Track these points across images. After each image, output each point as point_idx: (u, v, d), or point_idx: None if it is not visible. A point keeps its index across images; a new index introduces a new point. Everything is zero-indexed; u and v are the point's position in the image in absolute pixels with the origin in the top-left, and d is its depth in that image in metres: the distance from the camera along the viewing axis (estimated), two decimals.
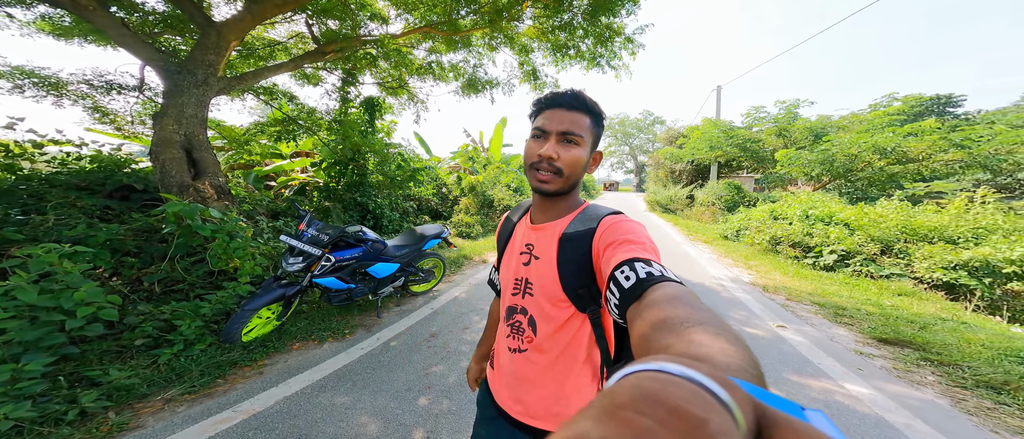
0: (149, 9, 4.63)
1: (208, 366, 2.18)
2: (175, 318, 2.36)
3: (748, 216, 8.51)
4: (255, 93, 4.81)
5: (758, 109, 13.58)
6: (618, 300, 0.49)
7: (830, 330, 3.27)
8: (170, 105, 3.52)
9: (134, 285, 2.65)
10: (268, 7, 3.83)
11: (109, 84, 4.62)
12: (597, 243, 0.66)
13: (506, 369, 0.81)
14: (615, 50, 5.23)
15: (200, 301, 2.53)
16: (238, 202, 3.78)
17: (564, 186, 0.70)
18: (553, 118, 0.68)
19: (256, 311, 2.48)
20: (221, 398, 1.99)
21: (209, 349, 2.32)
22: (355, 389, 2.18)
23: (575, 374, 0.74)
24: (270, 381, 2.18)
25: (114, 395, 1.84)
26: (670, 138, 23.54)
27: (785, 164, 10.93)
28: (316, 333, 2.77)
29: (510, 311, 0.80)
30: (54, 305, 1.98)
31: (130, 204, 3.39)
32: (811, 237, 6.10)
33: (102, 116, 4.84)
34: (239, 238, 2.85)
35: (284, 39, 5.20)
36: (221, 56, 3.86)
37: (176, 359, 2.18)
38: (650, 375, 0.16)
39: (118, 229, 2.82)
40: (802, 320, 3.51)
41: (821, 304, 3.92)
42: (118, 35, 3.69)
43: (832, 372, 2.50)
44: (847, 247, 5.52)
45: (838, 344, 2.96)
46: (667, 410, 0.14)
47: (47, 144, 3.73)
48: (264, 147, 5.45)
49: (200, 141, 3.55)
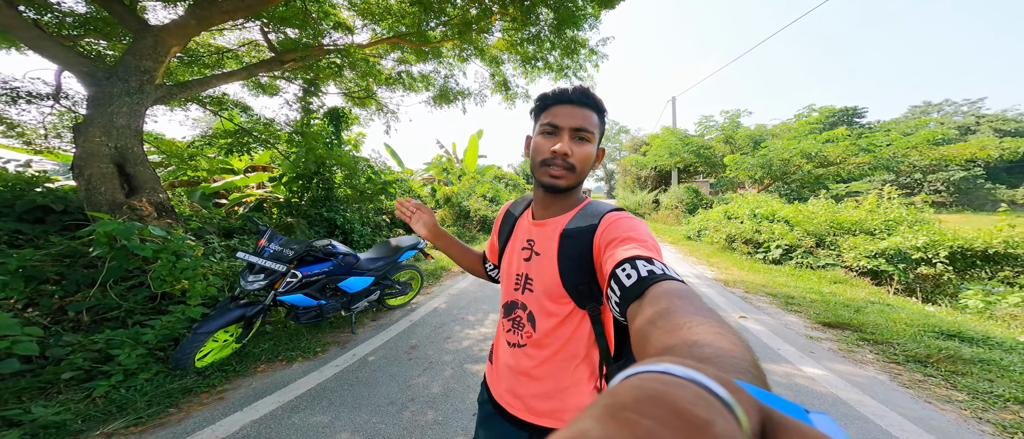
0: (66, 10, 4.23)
1: (156, 395, 1.96)
2: (111, 347, 2.11)
3: (706, 217, 9.29)
4: (201, 103, 4.49)
5: (708, 118, 15.11)
6: (619, 298, 0.49)
7: (783, 318, 3.63)
8: (97, 115, 3.22)
9: (56, 315, 2.34)
10: (215, 13, 3.68)
11: (15, 93, 4.10)
12: (598, 240, 0.67)
13: (505, 363, 0.82)
14: (580, 62, 5.62)
15: (141, 328, 2.29)
16: (183, 220, 3.48)
17: (574, 182, 0.72)
18: (564, 114, 0.69)
19: (211, 334, 2.28)
20: (175, 427, 1.80)
21: (156, 377, 2.09)
22: (333, 407, 2.07)
23: (572, 370, 0.74)
24: (233, 405, 2.01)
25: (40, 434, 1.60)
26: (635, 146, 25.09)
27: (733, 168, 12.17)
28: (283, 353, 2.59)
29: (510, 306, 0.81)
30: None
31: (47, 227, 3.01)
32: (759, 234, 6.80)
33: (7, 129, 4.25)
34: (188, 257, 2.63)
35: (234, 46, 4.95)
36: (159, 63, 3.62)
37: (115, 391, 1.94)
38: (653, 376, 0.16)
39: (32, 255, 2.48)
40: (759, 310, 3.87)
41: (773, 295, 4.36)
42: (29, 37, 3.35)
43: (789, 356, 2.75)
44: (789, 241, 6.22)
45: (791, 330, 3.29)
46: (670, 412, 0.14)
47: None
48: (213, 161, 5.06)
49: (135, 154, 3.26)
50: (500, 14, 4.85)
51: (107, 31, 4.31)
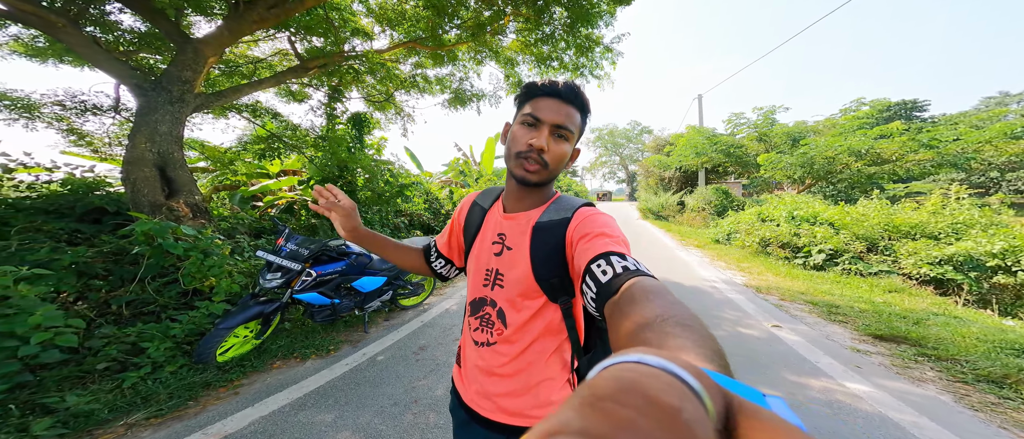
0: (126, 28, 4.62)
1: (178, 388, 2.06)
2: (142, 340, 2.25)
3: (737, 220, 8.69)
4: (237, 110, 4.78)
5: (738, 115, 14.12)
6: (595, 294, 0.50)
7: (825, 328, 3.28)
8: (143, 123, 3.47)
9: (101, 308, 2.53)
10: (245, 24, 3.86)
11: (83, 105, 4.55)
12: (571, 234, 0.66)
13: (472, 364, 0.78)
14: (596, 60, 5.43)
15: (171, 322, 2.42)
16: (216, 221, 3.69)
17: (547, 178, 0.70)
18: (548, 108, 0.67)
19: (231, 329, 2.38)
20: (191, 421, 1.88)
21: (180, 371, 2.20)
22: (337, 406, 2.08)
23: (544, 365, 0.72)
24: (245, 401, 2.07)
25: (71, 422, 1.72)
26: (658, 146, 24.16)
27: (768, 168, 11.28)
28: (298, 351, 2.66)
29: (478, 303, 0.78)
30: (7, 330, 1.87)
31: (101, 227, 3.28)
32: (799, 238, 6.23)
33: (78, 138, 4.74)
34: (215, 256, 2.77)
35: (267, 56, 5.22)
36: (198, 73, 3.85)
37: (142, 382, 2.06)
38: (629, 366, 0.17)
39: (85, 252, 2.71)
40: (796, 319, 3.52)
41: (814, 303, 3.96)
42: (91, 54, 3.66)
43: (830, 370, 2.48)
44: (834, 246, 5.64)
45: (834, 342, 2.97)
46: (645, 400, 0.14)
47: (19, 170, 3.62)
48: (250, 166, 5.38)
49: (175, 159, 3.49)
50: (513, 15, 4.79)
51: (157, 45, 4.66)
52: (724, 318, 3.55)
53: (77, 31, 3.58)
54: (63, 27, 3.45)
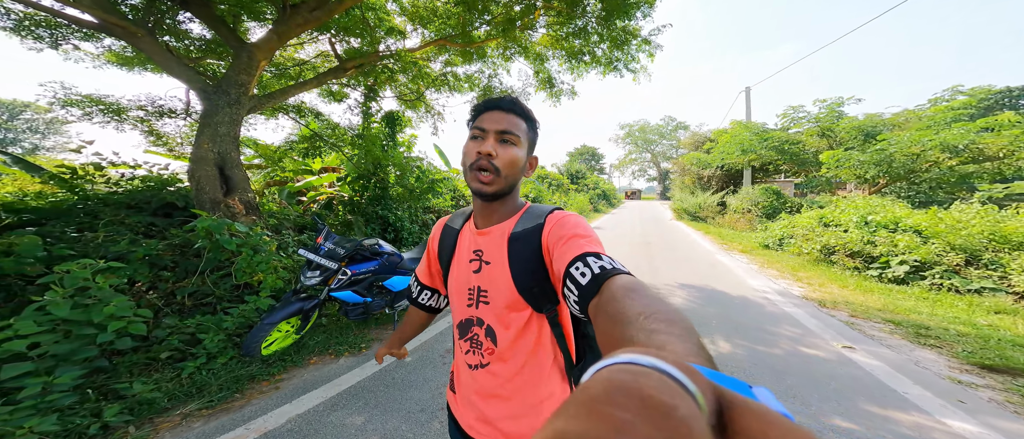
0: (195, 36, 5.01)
1: (228, 380, 2.19)
2: (199, 332, 2.42)
3: (792, 223, 7.80)
4: (285, 111, 5.05)
5: (796, 109, 12.57)
6: (577, 297, 0.51)
7: (913, 353, 2.82)
8: (206, 125, 3.73)
9: (168, 298, 2.77)
10: (291, 26, 3.99)
11: (160, 109, 5.04)
12: (546, 239, 0.67)
13: (468, 389, 0.76)
14: (632, 53, 5.10)
15: (224, 315, 2.59)
16: (265, 217, 3.92)
17: (503, 187, 0.70)
18: (490, 119, 0.70)
19: (275, 324, 2.49)
20: (236, 414, 1.98)
21: (230, 363, 2.35)
22: (367, 408, 2.10)
23: (545, 380, 0.71)
24: (285, 397, 2.16)
25: (136, 409, 1.88)
26: (696, 143, 22.56)
27: (832, 166, 9.96)
28: (333, 347, 2.75)
29: (465, 325, 0.76)
30: (86, 319, 2.07)
31: (172, 221, 3.60)
32: (874, 246, 5.42)
33: (156, 139, 5.28)
34: (262, 252, 2.91)
35: (310, 58, 5.45)
36: (252, 76, 4.06)
37: (198, 373, 2.21)
38: (621, 367, 0.17)
39: (157, 245, 2.97)
40: (874, 340, 3.06)
41: (896, 322, 3.41)
42: (164, 61, 3.98)
43: (924, 403, 2.13)
44: (921, 257, 4.83)
45: (926, 370, 2.54)
46: (639, 400, 0.14)
47: (109, 168, 4.09)
48: (296, 163, 5.71)
49: (232, 159, 3.72)
50: (545, 9, 4.56)
51: (219, 52, 5.00)
52: (781, 335, 3.16)
53: (153, 40, 3.90)
54: (142, 37, 3.76)
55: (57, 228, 3.04)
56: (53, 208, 3.35)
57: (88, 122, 5.03)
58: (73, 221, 3.20)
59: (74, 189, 3.62)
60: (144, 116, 5.00)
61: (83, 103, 4.89)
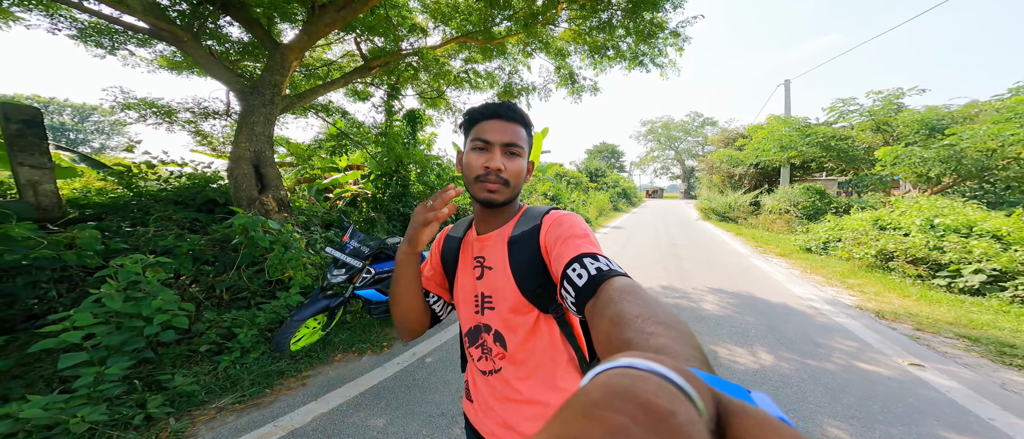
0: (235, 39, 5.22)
1: (259, 375, 2.27)
2: (235, 326, 2.51)
3: (840, 226, 7.11)
4: (314, 110, 5.18)
5: (846, 102, 11.35)
6: (574, 298, 0.51)
7: (997, 374, 2.48)
8: (243, 124, 3.87)
9: (208, 292, 2.91)
10: (320, 26, 4.04)
11: (205, 110, 5.32)
12: (544, 239, 0.67)
13: (485, 396, 0.76)
14: (659, 47, 4.78)
15: (257, 310, 2.68)
16: (296, 214, 4.04)
17: (510, 196, 0.71)
18: (494, 130, 0.68)
19: (304, 321, 2.55)
20: (266, 410, 2.04)
21: (261, 358, 2.43)
22: (389, 410, 2.10)
23: (561, 378, 0.70)
24: (311, 394, 2.19)
25: (176, 401, 1.97)
26: (726, 139, 21.23)
27: (889, 163, 8.92)
28: (356, 345, 2.79)
29: (474, 333, 0.76)
30: (136, 312, 2.19)
31: (213, 216, 3.80)
32: (942, 252, 4.80)
33: (202, 138, 5.61)
34: (293, 249, 2.99)
35: (338, 58, 5.53)
36: (284, 76, 4.16)
37: (233, 367, 2.30)
38: (619, 372, 0.17)
39: (199, 240, 3.12)
40: (947, 358, 2.70)
41: (973, 338, 3.00)
42: (207, 64, 4.15)
43: (1018, 433, 1.86)
44: (1002, 265, 4.22)
45: (1016, 394, 2.23)
46: (637, 405, 0.14)
47: (161, 166, 4.37)
48: (324, 161, 5.87)
49: (266, 157, 3.85)
50: (567, 2, 4.34)
51: (256, 54, 5.18)
52: (834, 348, 2.86)
53: (197, 44, 4.08)
54: (187, 41, 3.94)
55: (114, 223, 3.27)
56: (111, 203, 3.62)
57: (143, 123, 5.39)
58: (127, 216, 3.43)
59: (130, 186, 3.90)
60: (191, 117, 5.29)
61: (139, 106, 5.24)
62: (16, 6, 4.05)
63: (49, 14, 4.26)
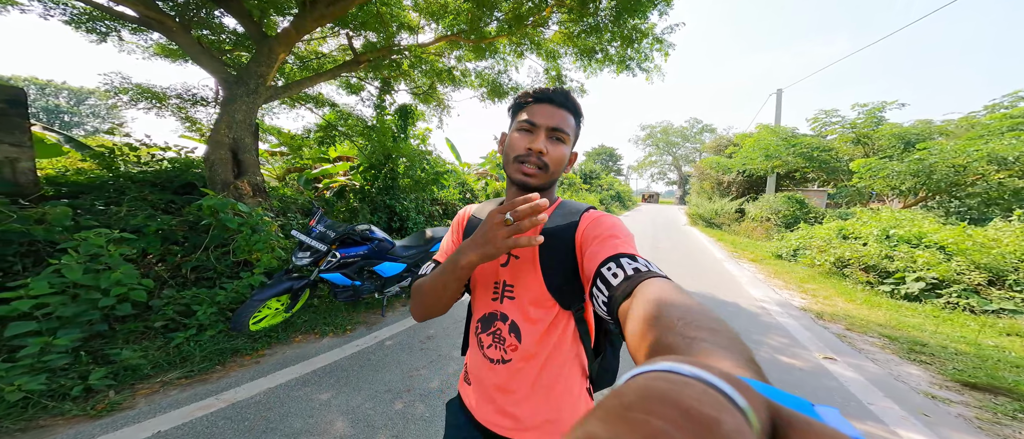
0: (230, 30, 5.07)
1: (212, 352, 2.21)
2: (194, 303, 2.44)
3: (810, 234, 7.21)
4: (302, 101, 5.08)
5: (829, 113, 11.43)
6: (606, 298, 0.48)
7: (897, 368, 2.59)
8: (225, 112, 3.78)
9: (174, 271, 2.82)
10: (308, 20, 3.96)
11: (194, 97, 5.17)
12: (580, 237, 0.64)
13: (487, 383, 0.72)
14: (645, 52, 4.78)
15: (219, 289, 2.60)
16: (271, 200, 3.94)
17: (547, 182, 0.67)
18: (543, 113, 0.65)
19: (264, 301, 2.49)
20: (213, 384, 1.99)
21: (218, 335, 2.37)
22: (337, 385, 2.06)
23: (565, 376, 0.68)
24: (262, 371, 2.15)
25: (120, 374, 1.91)
26: (718, 147, 21.40)
27: (865, 176, 9.06)
28: (319, 327, 2.74)
29: (488, 319, 0.72)
30: (94, 284, 2.11)
31: (190, 199, 3.68)
32: (891, 261, 4.93)
33: (190, 124, 5.45)
34: (261, 232, 2.92)
35: (331, 51, 5.43)
36: (270, 67, 4.07)
37: (186, 344, 2.24)
38: (659, 375, 0.15)
39: (169, 220, 3.03)
40: (861, 353, 2.79)
41: (893, 338, 3.10)
42: (194, 53, 4.04)
43: (885, 415, 1.99)
44: (940, 274, 4.35)
45: (904, 384, 2.35)
46: (679, 411, 0.13)
47: (144, 149, 4.22)
48: (314, 151, 5.77)
49: (245, 144, 3.76)
50: (556, 6, 4.37)
51: (248, 45, 5.05)
52: (765, 344, 2.92)
53: (185, 33, 3.96)
54: (175, 29, 3.82)
55: (88, 201, 3.15)
56: (88, 183, 3.49)
57: (134, 108, 5.21)
58: (103, 196, 3.32)
59: (110, 167, 3.76)
60: (180, 104, 5.14)
61: (132, 91, 5.06)
62: None
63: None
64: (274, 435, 1.64)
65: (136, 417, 1.66)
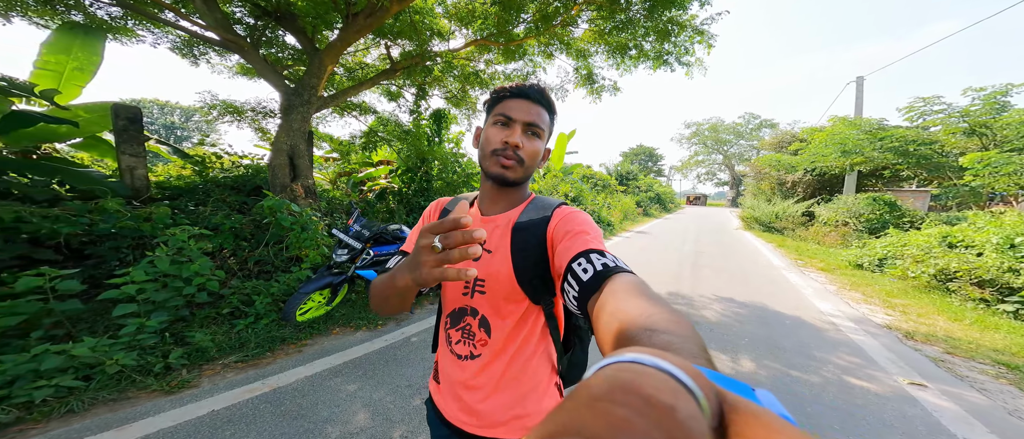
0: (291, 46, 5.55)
1: (264, 339, 2.44)
2: (253, 294, 2.71)
3: (902, 241, 5.97)
4: (348, 109, 5.40)
5: (929, 101, 9.18)
6: (577, 293, 0.48)
7: (1015, 401, 2.06)
8: (284, 121, 4.14)
9: (242, 264, 3.18)
10: (350, 33, 4.16)
11: (264, 110, 5.77)
12: (551, 232, 0.64)
13: (454, 380, 0.71)
14: (684, 45, 4.38)
15: (273, 282, 2.86)
16: (320, 200, 4.25)
17: (523, 176, 0.67)
18: (519, 108, 0.65)
19: (309, 294, 2.69)
20: (263, 370, 2.19)
21: (271, 324, 2.61)
22: (363, 378, 2.16)
23: (533, 371, 0.68)
24: (303, 360, 2.33)
25: (193, 355, 2.17)
26: (779, 143, 18.58)
27: (982, 173, 7.21)
28: (355, 321, 2.91)
29: (458, 314, 0.71)
30: (178, 274, 2.43)
31: (259, 200, 4.12)
32: (1017, 275, 3.87)
33: (263, 134, 6.12)
34: (309, 230, 3.15)
35: (374, 61, 5.68)
36: (320, 78, 4.36)
37: (245, 330, 2.50)
38: (624, 366, 0.16)
39: (240, 219, 3.42)
40: (963, 381, 2.25)
41: (1011, 366, 2.43)
42: (261, 69, 4.48)
43: None
44: None
45: (1020, 420, 1.86)
46: (640, 399, 0.14)
47: (224, 162, 4.82)
48: (360, 156, 6.14)
49: (300, 150, 4.09)
50: (585, 3, 4.14)
51: (303, 59, 5.47)
52: (829, 363, 2.47)
53: (254, 52, 4.40)
54: (247, 49, 4.25)
55: (183, 203, 3.67)
56: (185, 187, 4.07)
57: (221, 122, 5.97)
58: (194, 198, 3.84)
59: (200, 173, 4.35)
60: (253, 116, 5.77)
61: (218, 106, 5.80)
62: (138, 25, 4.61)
63: (152, 30, 4.81)
64: (303, 422, 1.76)
65: (198, 396, 1.90)
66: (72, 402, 1.70)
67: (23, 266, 2.31)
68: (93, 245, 2.76)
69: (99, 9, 4.28)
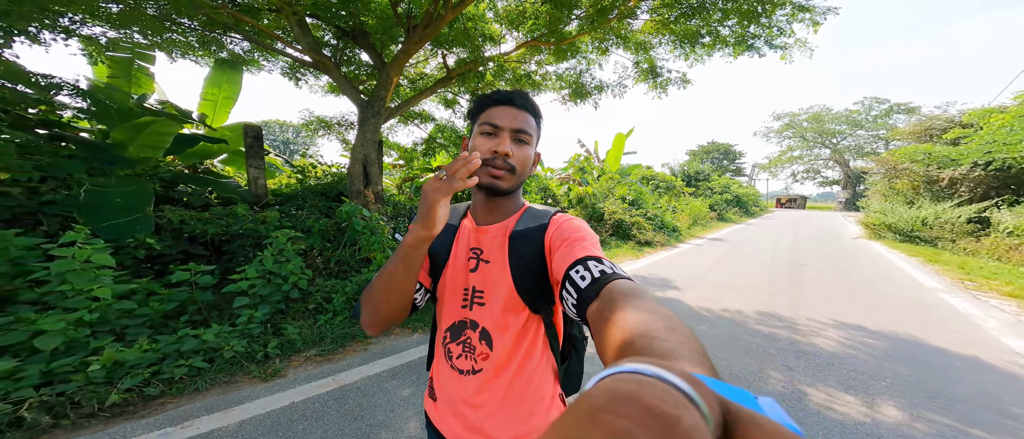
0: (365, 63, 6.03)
1: (338, 335, 2.67)
2: (333, 292, 2.99)
3: None
4: (411, 118, 5.65)
5: None
6: (575, 300, 0.48)
7: None
8: (360, 132, 4.50)
9: (326, 264, 3.55)
10: (411, 45, 4.27)
11: (347, 122, 6.42)
12: (549, 240, 0.63)
13: (455, 397, 0.67)
14: (778, 25, 3.54)
15: (347, 281, 3.13)
16: (387, 205, 4.52)
17: (515, 184, 0.64)
18: (505, 116, 0.63)
19: None
20: (334, 365, 2.39)
21: (344, 321, 2.85)
22: (416, 383, 2.21)
23: (537, 384, 0.66)
24: (366, 359, 2.48)
25: (284, 346, 2.47)
26: (925, 131, 14.05)
27: None
28: (412, 323, 3.01)
29: (457, 328, 0.68)
30: (278, 272, 2.81)
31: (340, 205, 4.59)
32: None
33: (346, 145, 6.85)
34: (377, 234, 3.36)
35: (433, 71, 5.83)
36: (387, 90, 4.61)
37: (326, 325, 2.76)
38: (625, 376, 0.16)
39: (326, 223, 3.82)
40: None
41: None
42: (342, 85, 4.92)
43: None
44: None
45: None
46: (642, 410, 0.13)
47: (317, 172, 5.50)
48: (422, 162, 6.44)
49: (371, 158, 4.40)
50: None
51: (374, 73, 5.87)
52: None
53: (337, 70, 4.85)
54: (331, 68, 4.71)
55: (287, 208, 4.27)
56: (290, 193, 4.74)
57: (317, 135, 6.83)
58: (295, 203, 4.44)
59: (301, 181, 5.03)
60: (339, 129, 6.46)
61: (314, 122, 6.64)
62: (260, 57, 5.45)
63: (268, 59, 5.65)
64: (362, 424, 1.85)
65: (284, 386, 2.15)
66: (198, 381, 2.07)
67: (184, 260, 2.93)
68: (228, 244, 3.37)
69: (235, 45, 5.14)
